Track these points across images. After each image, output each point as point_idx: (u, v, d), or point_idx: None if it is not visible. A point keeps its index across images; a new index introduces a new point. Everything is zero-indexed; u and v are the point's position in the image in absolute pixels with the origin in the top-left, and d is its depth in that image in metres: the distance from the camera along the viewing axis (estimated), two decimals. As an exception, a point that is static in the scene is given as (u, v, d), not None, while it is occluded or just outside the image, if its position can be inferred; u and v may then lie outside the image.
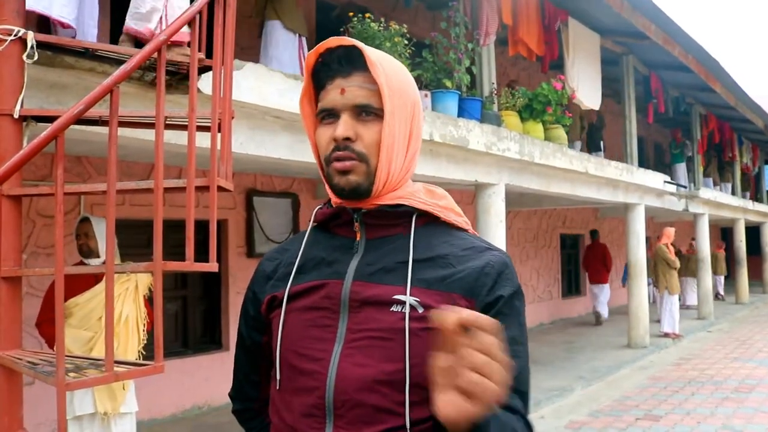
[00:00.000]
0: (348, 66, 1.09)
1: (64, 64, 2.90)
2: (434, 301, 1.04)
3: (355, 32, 5.18)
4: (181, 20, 2.43)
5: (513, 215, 12.10)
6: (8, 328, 2.43)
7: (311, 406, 1.05)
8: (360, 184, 1.08)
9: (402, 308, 1.04)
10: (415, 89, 1.15)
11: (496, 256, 1.11)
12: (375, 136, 1.08)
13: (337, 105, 1.09)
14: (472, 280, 1.07)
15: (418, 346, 1.02)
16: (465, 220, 1.20)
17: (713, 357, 9.53)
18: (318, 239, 1.18)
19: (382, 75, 1.07)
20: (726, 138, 15.91)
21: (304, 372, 1.07)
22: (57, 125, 2.11)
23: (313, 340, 1.08)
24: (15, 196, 2.48)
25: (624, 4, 8.04)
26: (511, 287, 1.09)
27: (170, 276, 6.58)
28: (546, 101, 7.29)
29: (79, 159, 5.66)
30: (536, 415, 6.42)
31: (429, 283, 1.06)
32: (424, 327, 1.02)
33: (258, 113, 4.11)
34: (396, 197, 1.12)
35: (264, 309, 1.18)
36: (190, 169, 2.31)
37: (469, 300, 1.06)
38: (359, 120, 1.08)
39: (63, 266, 2.14)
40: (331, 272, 1.11)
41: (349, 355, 1.04)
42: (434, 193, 1.19)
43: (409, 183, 1.17)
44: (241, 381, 1.28)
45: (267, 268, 1.22)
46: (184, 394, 6.40)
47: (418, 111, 1.15)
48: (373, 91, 1.08)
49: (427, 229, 1.13)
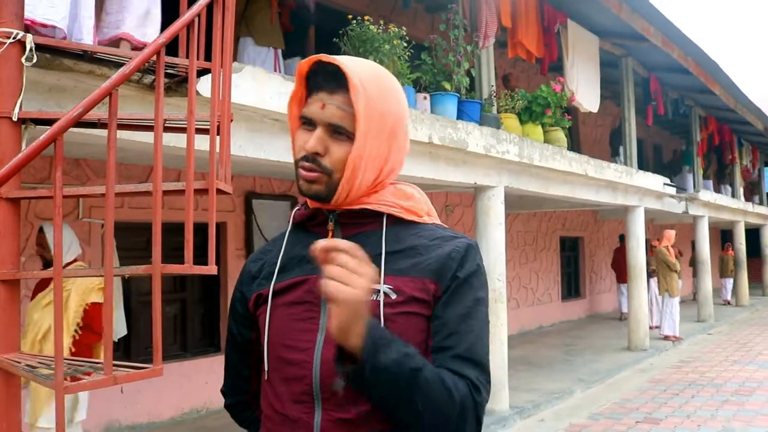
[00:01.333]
0: (334, 83, 1.15)
1: (62, 67, 2.90)
2: (407, 287, 1.13)
3: (354, 35, 5.18)
4: (180, 23, 2.43)
5: (512, 218, 12.09)
6: (6, 330, 2.43)
7: (300, 393, 1.13)
8: (320, 192, 1.17)
9: (377, 296, 1.11)
10: (400, 107, 1.21)
11: (461, 242, 1.20)
12: (344, 155, 1.15)
13: (316, 118, 1.16)
14: (440, 265, 1.15)
15: (393, 329, 1.09)
16: (432, 217, 1.27)
17: (713, 360, 9.52)
18: (298, 239, 1.25)
19: (362, 100, 1.12)
20: (726, 140, 15.91)
21: (292, 362, 1.15)
22: (56, 128, 2.10)
23: (298, 332, 1.16)
24: (14, 199, 2.47)
25: (623, 7, 8.05)
26: (470, 268, 1.17)
27: (169, 279, 6.58)
28: (545, 103, 7.30)
29: (78, 162, 5.66)
30: (536, 418, 6.41)
31: (402, 271, 1.15)
32: (399, 312, 1.12)
33: (257, 116, 4.11)
34: (363, 202, 1.20)
35: (251, 306, 1.26)
36: (189, 172, 2.30)
37: (436, 283, 1.15)
38: (332, 137, 1.15)
39: (61, 269, 2.13)
40: (312, 268, 1.16)
41: (331, 342, 1.08)
42: (402, 193, 1.25)
43: (385, 187, 1.24)
44: (233, 377, 1.37)
45: (252, 269, 1.30)
46: (183, 398, 6.39)
47: (401, 128, 1.21)
48: (350, 113, 1.14)
49: (398, 226, 1.21)
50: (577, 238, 14.95)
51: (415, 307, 1.13)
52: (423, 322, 1.13)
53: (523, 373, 8.19)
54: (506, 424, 6.10)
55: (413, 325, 1.12)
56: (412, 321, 1.12)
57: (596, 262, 15.53)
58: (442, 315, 1.14)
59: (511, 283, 11.72)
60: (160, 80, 2.28)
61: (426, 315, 1.14)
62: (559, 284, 13.85)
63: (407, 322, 1.12)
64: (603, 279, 15.77)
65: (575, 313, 14.25)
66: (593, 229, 15.44)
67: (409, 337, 1.10)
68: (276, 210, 7.42)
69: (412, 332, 1.11)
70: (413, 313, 1.12)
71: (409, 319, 1.12)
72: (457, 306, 1.14)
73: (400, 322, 1.11)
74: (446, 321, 1.13)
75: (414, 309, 1.13)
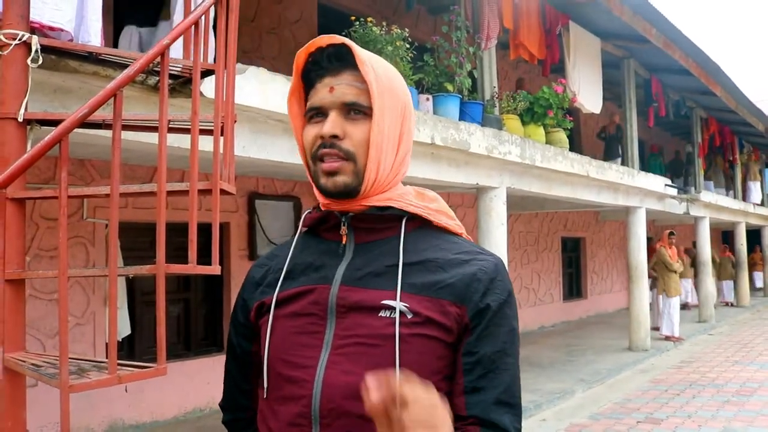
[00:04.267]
0: (337, 64, 1.07)
1: (68, 68, 2.92)
2: (423, 308, 1.02)
3: (357, 36, 5.20)
4: (185, 23, 2.45)
5: (514, 218, 12.11)
6: (12, 330, 2.44)
7: (297, 415, 1.03)
8: (348, 184, 1.06)
9: (391, 314, 1.01)
10: (405, 91, 1.13)
11: (488, 262, 1.08)
12: (363, 135, 1.06)
13: (326, 103, 1.07)
14: (463, 287, 1.04)
15: (407, 352, 1.00)
16: (458, 223, 1.17)
17: (714, 360, 9.52)
18: (307, 244, 1.16)
19: (371, 73, 1.05)
20: (726, 141, 15.91)
21: (291, 380, 1.05)
22: (61, 129, 2.13)
23: (301, 347, 1.05)
24: (19, 199, 2.49)
25: (625, 8, 8.06)
26: (501, 295, 1.06)
27: (172, 279, 6.59)
28: (547, 105, 7.31)
29: (82, 162, 5.68)
30: (537, 418, 6.42)
31: (418, 288, 1.04)
32: (413, 333, 1.01)
33: (260, 117, 4.13)
34: (385, 199, 1.10)
35: (253, 316, 1.15)
36: (192, 173, 2.32)
37: (460, 307, 1.03)
38: (348, 118, 1.06)
39: (66, 269, 2.15)
40: (319, 277, 1.09)
41: (336, 362, 1.02)
42: (425, 196, 1.17)
43: (399, 186, 1.15)
44: (231, 390, 1.23)
45: (256, 275, 1.19)
46: (186, 397, 6.41)
47: (409, 112, 1.13)
48: (362, 89, 1.06)
49: (418, 233, 1.11)
50: (578, 239, 14.95)
51: (434, 330, 1.02)
52: (441, 349, 1.02)
53: (525, 373, 8.20)
54: (507, 424, 6.11)
55: (430, 350, 1.02)
56: (429, 345, 1.01)
57: (597, 262, 15.53)
58: (476, 351, 1.03)
59: (513, 283, 11.57)
60: (165, 81, 2.30)
61: (446, 341, 1.02)
62: (561, 284, 13.85)
63: (423, 345, 1.01)
64: (604, 280, 15.78)
65: (576, 313, 14.25)
66: (595, 229, 15.44)
67: (424, 362, 1.01)
68: (279, 210, 7.44)
69: (428, 357, 1.01)
70: (430, 337, 1.01)
71: (425, 343, 1.01)
72: (492, 341, 1.03)
73: (416, 345, 1.00)
74: (481, 358, 1.02)
75: (432, 332, 1.02)
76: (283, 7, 7.71)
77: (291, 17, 7.82)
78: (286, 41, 7.67)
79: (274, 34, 7.59)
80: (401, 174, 1.14)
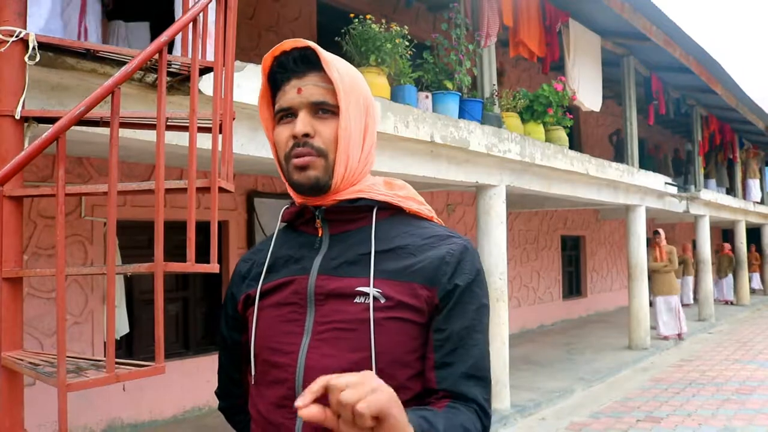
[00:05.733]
0: (303, 66, 1.14)
1: (65, 66, 2.90)
2: (395, 292, 1.09)
3: (356, 34, 5.18)
4: (183, 21, 2.43)
5: (514, 216, 12.10)
6: (9, 328, 2.43)
7: (283, 397, 1.11)
8: (319, 178, 1.13)
9: (365, 299, 1.08)
10: (366, 87, 1.19)
11: (456, 245, 1.14)
12: (332, 132, 1.13)
13: (295, 103, 1.14)
14: (432, 270, 1.10)
15: (381, 334, 1.07)
16: (428, 208, 1.23)
17: (714, 359, 9.52)
18: (287, 238, 1.25)
19: (336, 73, 1.12)
20: (727, 139, 15.90)
21: (276, 365, 1.13)
22: (58, 126, 2.11)
23: (284, 334, 1.13)
24: (16, 197, 2.48)
25: (625, 6, 8.05)
26: (470, 275, 1.12)
27: (171, 277, 6.59)
28: (547, 103, 7.30)
29: (80, 160, 5.67)
30: (537, 417, 6.42)
31: (390, 274, 1.10)
32: (387, 317, 1.07)
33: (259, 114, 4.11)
34: (355, 191, 1.17)
35: (240, 308, 1.24)
36: (191, 171, 2.31)
37: (431, 289, 1.10)
38: (316, 117, 1.13)
39: (64, 267, 2.14)
40: (299, 269, 1.16)
41: (316, 347, 1.09)
42: (393, 185, 1.23)
43: (368, 177, 1.21)
44: (224, 380, 1.34)
45: (242, 269, 1.28)
46: (185, 395, 6.40)
47: (371, 106, 1.20)
48: (328, 89, 1.13)
49: (390, 221, 1.18)
50: (578, 237, 14.95)
51: (406, 312, 1.08)
52: (415, 329, 1.09)
53: (525, 371, 8.20)
54: (507, 422, 6.11)
55: (404, 332, 1.08)
56: (403, 327, 1.08)
57: (597, 261, 15.53)
58: (444, 328, 1.09)
59: (513, 281, 11.73)
60: (163, 78, 2.28)
61: (418, 322, 1.09)
62: (560, 283, 13.85)
63: (397, 328, 1.08)
64: (604, 278, 15.78)
65: (576, 312, 14.24)
66: (594, 228, 15.44)
67: (399, 343, 1.07)
68: (278, 209, 7.17)
69: (402, 338, 1.08)
70: (404, 320, 1.08)
71: (399, 326, 1.08)
72: (461, 318, 1.10)
73: (390, 327, 1.07)
74: (450, 335, 1.09)
75: (404, 315, 1.08)
76: (281, 5, 7.70)
77: (290, 15, 7.80)
78: (284, 39, 7.64)
79: (273, 31, 7.57)
80: (369, 166, 1.21)
